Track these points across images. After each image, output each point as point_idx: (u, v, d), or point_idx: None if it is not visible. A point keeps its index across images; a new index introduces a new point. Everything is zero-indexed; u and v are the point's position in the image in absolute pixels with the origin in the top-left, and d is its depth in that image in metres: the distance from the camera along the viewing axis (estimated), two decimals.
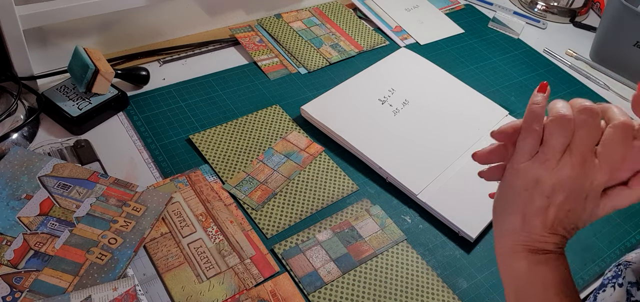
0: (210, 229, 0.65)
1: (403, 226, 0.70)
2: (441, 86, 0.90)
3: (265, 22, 0.99)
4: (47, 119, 0.76)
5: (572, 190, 0.44)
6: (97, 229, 0.61)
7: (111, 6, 0.82)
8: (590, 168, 0.44)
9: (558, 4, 1.20)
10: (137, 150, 0.74)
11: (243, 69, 0.90)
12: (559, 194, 0.45)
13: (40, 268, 0.57)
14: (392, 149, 0.77)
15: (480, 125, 0.83)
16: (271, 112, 0.82)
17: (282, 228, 0.67)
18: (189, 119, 0.80)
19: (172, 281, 0.59)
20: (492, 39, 1.08)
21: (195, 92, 0.84)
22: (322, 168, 0.75)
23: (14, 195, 0.64)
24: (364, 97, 0.85)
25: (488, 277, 0.66)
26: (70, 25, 0.83)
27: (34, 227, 0.61)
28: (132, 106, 0.80)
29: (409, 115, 0.83)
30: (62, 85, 0.78)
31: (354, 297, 0.61)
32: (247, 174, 0.72)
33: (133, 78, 0.82)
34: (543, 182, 0.45)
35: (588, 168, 0.44)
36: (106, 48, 0.88)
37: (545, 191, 0.45)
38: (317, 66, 0.93)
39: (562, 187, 0.44)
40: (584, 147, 0.44)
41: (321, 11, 1.05)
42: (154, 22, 0.91)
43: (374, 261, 0.65)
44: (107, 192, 0.65)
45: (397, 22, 1.06)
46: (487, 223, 0.70)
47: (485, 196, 0.75)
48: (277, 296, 0.60)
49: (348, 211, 0.70)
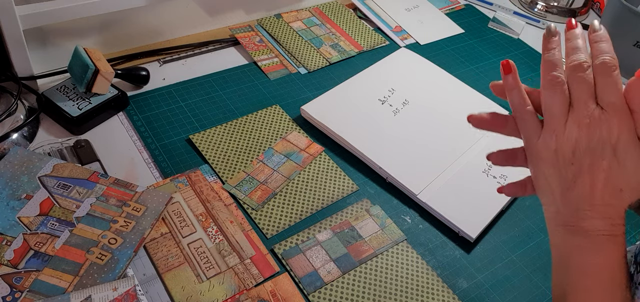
0: (210, 229, 0.65)
1: (403, 226, 0.70)
2: (441, 86, 0.90)
3: (265, 22, 0.99)
4: (47, 119, 0.76)
5: (593, 149, 0.42)
6: (97, 229, 0.61)
7: (111, 6, 0.82)
8: (598, 120, 0.42)
9: (558, 4, 1.20)
10: (137, 150, 0.74)
11: (243, 69, 0.90)
12: (583, 158, 0.42)
13: (40, 268, 0.57)
14: (392, 149, 0.77)
15: None
16: (271, 112, 0.82)
17: (282, 228, 0.67)
18: (189, 119, 0.80)
19: (172, 281, 0.59)
20: (492, 39, 1.08)
21: (195, 92, 0.84)
22: (322, 168, 0.75)
23: (14, 195, 0.64)
24: (364, 97, 0.85)
25: (488, 277, 0.66)
26: (70, 25, 0.83)
27: (34, 227, 0.61)
28: (132, 106, 0.80)
29: (409, 115, 0.83)
30: (62, 85, 0.78)
31: (354, 297, 0.61)
32: (247, 174, 0.72)
33: (133, 78, 0.82)
34: (562, 152, 0.43)
35: (596, 119, 0.42)
36: (106, 48, 0.88)
37: (567, 158, 0.43)
38: (317, 66, 0.93)
39: (581, 147, 0.42)
40: (582, 100, 0.42)
41: (321, 11, 1.05)
42: (154, 22, 0.91)
43: (374, 261, 0.65)
44: (107, 192, 0.65)
45: (397, 22, 1.06)
46: (487, 223, 0.70)
47: (486, 196, 0.75)
48: (277, 296, 0.60)
49: (348, 211, 0.70)
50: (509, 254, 0.68)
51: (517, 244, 0.70)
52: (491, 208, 0.71)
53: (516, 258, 0.68)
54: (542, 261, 0.68)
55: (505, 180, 0.75)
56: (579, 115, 0.42)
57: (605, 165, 0.42)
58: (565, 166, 0.43)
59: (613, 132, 0.41)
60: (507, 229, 0.71)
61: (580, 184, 0.43)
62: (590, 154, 0.42)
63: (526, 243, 0.70)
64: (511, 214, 0.73)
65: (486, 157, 0.51)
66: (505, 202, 0.73)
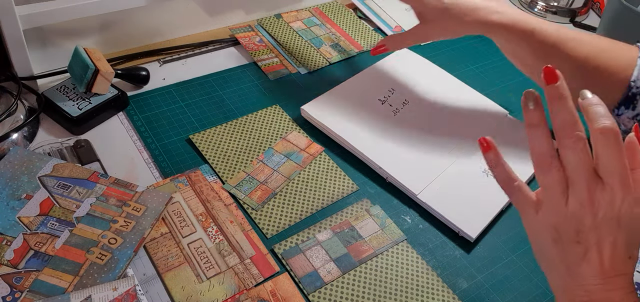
0: (210, 229, 0.65)
1: (403, 226, 0.70)
2: (441, 86, 0.90)
3: (265, 22, 0.99)
4: (47, 119, 0.76)
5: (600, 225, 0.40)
6: (97, 229, 0.61)
7: (111, 6, 0.82)
8: (601, 192, 0.40)
9: (558, 4, 1.20)
10: (137, 150, 0.74)
11: (243, 69, 0.90)
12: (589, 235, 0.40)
13: (40, 268, 0.57)
14: (392, 149, 0.77)
15: (480, 125, 0.83)
16: (271, 112, 0.82)
17: (282, 228, 0.67)
18: (189, 119, 0.80)
19: (172, 281, 0.59)
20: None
21: (195, 92, 0.84)
22: (322, 168, 0.75)
23: (14, 195, 0.64)
24: (364, 97, 0.85)
25: (488, 277, 0.66)
26: (70, 25, 0.83)
27: (34, 227, 0.61)
28: (132, 106, 0.80)
29: (409, 115, 0.83)
30: (62, 85, 0.78)
31: (354, 297, 0.61)
32: (247, 174, 0.72)
33: (133, 78, 0.83)
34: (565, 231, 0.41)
35: (599, 194, 0.40)
36: (106, 48, 0.88)
37: (571, 236, 0.41)
38: (317, 66, 0.93)
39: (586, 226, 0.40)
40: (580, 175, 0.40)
41: (321, 11, 1.05)
42: (154, 22, 0.91)
43: (374, 261, 0.65)
44: (107, 192, 0.65)
45: (397, 22, 1.06)
46: (487, 223, 0.70)
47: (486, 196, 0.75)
48: (277, 296, 0.60)
49: (348, 211, 0.70)
50: (509, 254, 0.68)
51: (517, 244, 0.70)
52: (491, 208, 0.71)
53: (516, 258, 0.68)
54: None
55: None
56: (581, 194, 0.40)
57: (611, 238, 0.40)
58: (570, 245, 0.41)
59: (616, 204, 0.40)
60: (507, 229, 0.71)
61: (587, 260, 0.41)
62: (595, 231, 0.40)
63: (526, 243, 0.70)
64: (511, 214, 0.73)
65: None
66: (505, 202, 0.73)
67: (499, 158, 0.45)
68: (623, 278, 0.41)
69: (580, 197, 0.40)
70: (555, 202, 0.41)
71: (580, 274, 0.41)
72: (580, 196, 0.40)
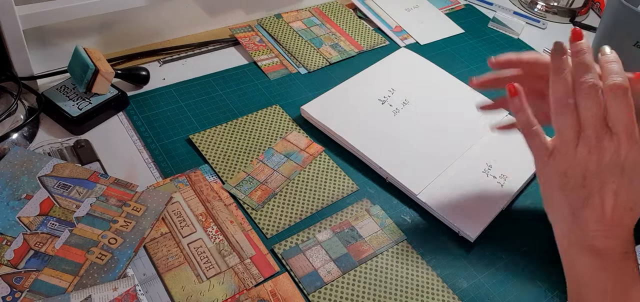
0: (210, 229, 0.65)
1: (403, 226, 0.70)
2: (441, 86, 0.90)
3: (265, 22, 0.99)
4: (47, 119, 0.76)
5: (604, 170, 0.42)
6: (97, 229, 0.61)
7: (111, 6, 0.82)
8: (608, 142, 0.42)
9: (558, 4, 1.20)
10: (137, 150, 0.74)
11: (243, 69, 0.90)
12: (593, 180, 0.43)
13: (40, 268, 0.57)
14: (392, 149, 0.77)
15: (480, 125, 0.83)
16: (271, 112, 0.82)
17: (282, 228, 0.67)
18: (189, 119, 0.80)
19: (172, 281, 0.59)
20: (492, 39, 1.08)
21: (195, 92, 0.84)
22: (322, 168, 0.75)
23: (14, 195, 0.64)
24: (364, 97, 0.85)
25: (488, 277, 0.66)
26: (70, 25, 0.83)
27: (34, 227, 0.61)
28: (132, 106, 0.80)
29: (409, 115, 0.83)
30: (62, 85, 0.78)
31: (354, 297, 0.61)
32: (247, 174, 0.72)
33: (133, 78, 0.83)
34: (572, 173, 0.43)
35: (606, 142, 0.42)
36: (106, 48, 0.88)
37: (578, 180, 0.43)
38: (317, 66, 0.93)
39: (591, 171, 0.42)
40: (591, 123, 0.42)
41: (321, 11, 1.05)
42: (154, 22, 0.91)
43: (374, 261, 0.65)
44: (107, 192, 0.65)
45: (397, 22, 1.06)
46: (487, 223, 0.70)
47: (486, 196, 0.75)
48: (277, 296, 0.60)
49: (348, 211, 0.70)
50: (509, 254, 0.68)
51: (517, 245, 0.70)
52: (491, 208, 0.71)
53: (516, 258, 0.68)
54: (542, 261, 0.68)
55: (506, 180, 0.75)
56: (590, 140, 0.43)
57: (614, 186, 0.42)
58: (576, 189, 0.43)
59: (621, 153, 0.42)
60: (507, 229, 0.71)
61: (590, 205, 0.43)
62: (600, 176, 0.42)
63: (526, 243, 0.70)
64: (511, 214, 0.73)
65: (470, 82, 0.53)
66: (505, 202, 0.73)
67: (523, 104, 0.48)
68: (623, 229, 0.43)
69: (589, 143, 0.43)
70: (566, 147, 0.44)
71: (582, 218, 0.43)
72: (589, 142, 0.43)
